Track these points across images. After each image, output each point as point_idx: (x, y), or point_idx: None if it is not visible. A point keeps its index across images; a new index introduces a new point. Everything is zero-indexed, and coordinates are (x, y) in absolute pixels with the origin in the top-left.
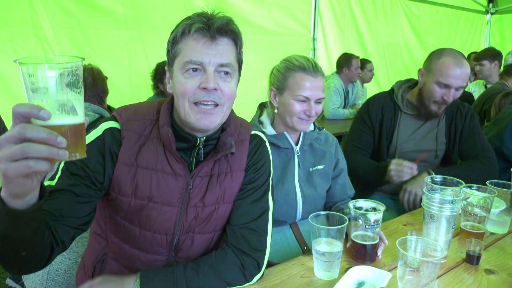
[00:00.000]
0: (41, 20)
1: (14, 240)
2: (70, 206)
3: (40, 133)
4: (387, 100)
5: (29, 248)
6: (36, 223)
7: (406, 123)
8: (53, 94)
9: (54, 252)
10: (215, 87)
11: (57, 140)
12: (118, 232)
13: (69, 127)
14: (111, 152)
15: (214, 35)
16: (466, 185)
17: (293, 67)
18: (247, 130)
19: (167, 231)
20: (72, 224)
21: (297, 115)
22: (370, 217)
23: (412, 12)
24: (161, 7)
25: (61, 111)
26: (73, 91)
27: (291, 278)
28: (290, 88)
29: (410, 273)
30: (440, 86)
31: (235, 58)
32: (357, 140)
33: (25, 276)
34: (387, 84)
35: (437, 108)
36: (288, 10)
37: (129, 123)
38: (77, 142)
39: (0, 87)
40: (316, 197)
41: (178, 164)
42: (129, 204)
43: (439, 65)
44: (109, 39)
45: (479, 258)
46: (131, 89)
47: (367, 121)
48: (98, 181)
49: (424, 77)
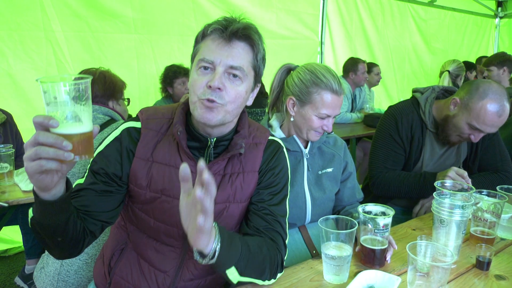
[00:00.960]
0: (52, 23)
1: (49, 226)
2: (93, 202)
3: (49, 139)
4: (415, 116)
5: (64, 235)
6: (67, 213)
7: (431, 141)
8: (61, 107)
9: (86, 239)
10: (219, 86)
11: (62, 144)
12: (137, 222)
13: (75, 133)
14: (127, 150)
15: (229, 37)
16: (476, 190)
17: (320, 83)
18: (264, 135)
19: (177, 224)
20: (98, 218)
21: (315, 129)
22: (379, 221)
23: (420, 16)
24: (170, 11)
25: (68, 121)
26: (78, 104)
27: (300, 282)
28: (314, 105)
29: (420, 278)
30: (472, 128)
31: (250, 63)
32: (387, 160)
33: (36, 277)
34: (394, 88)
35: (458, 141)
36: (296, 14)
37: (148, 121)
38: (84, 146)
39: (13, 89)
40: (325, 200)
41: (190, 161)
42: (144, 196)
43: (479, 108)
44: (118, 42)
45: (489, 264)
46: (140, 92)
47: (397, 140)
48: (117, 177)
49: (457, 109)
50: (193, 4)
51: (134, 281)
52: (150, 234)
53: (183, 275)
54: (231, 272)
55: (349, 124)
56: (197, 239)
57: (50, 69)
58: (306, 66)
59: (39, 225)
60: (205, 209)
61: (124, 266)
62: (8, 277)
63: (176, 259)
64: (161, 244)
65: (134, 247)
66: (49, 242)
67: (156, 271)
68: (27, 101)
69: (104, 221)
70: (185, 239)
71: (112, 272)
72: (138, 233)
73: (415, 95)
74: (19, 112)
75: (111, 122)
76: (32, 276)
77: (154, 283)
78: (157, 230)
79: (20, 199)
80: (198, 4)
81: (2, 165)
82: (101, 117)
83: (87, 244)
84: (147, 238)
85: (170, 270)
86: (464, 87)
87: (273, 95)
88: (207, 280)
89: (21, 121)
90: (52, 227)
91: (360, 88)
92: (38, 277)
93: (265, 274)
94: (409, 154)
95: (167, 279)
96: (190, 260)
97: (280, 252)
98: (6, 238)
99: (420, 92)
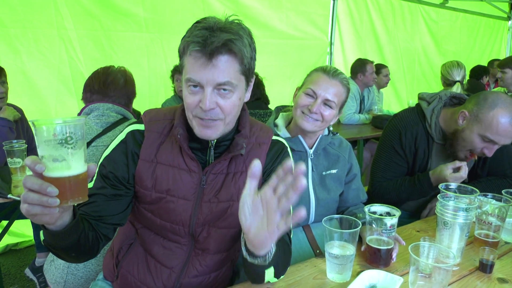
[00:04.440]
0: (65, 21)
1: (61, 248)
2: (104, 207)
3: (34, 185)
4: (419, 129)
5: (77, 251)
6: (76, 235)
7: (438, 153)
8: (48, 149)
9: (100, 245)
10: (211, 107)
11: (47, 190)
12: (144, 220)
13: (62, 178)
14: (133, 153)
15: (211, 54)
16: (481, 193)
17: (318, 68)
18: (267, 135)
19: (183, 222)
20: (110, 221)
21: (301, 108)
22: (386, 221)
23: (431, 18)
24: (180, 11)
25: (56, 164)
26: (64, 147)
27: (303, 279)
28: (306, 84)
29: (422, 278)
30: (485, 139)
31: (237, 72)
32: (387, 171)
33: (46, 270)
34: (404, 90)
35: (464, 157)
36: (306, 14)
37: (151, 123)
38: (73, 189)
39: (26, 86)
40: (329, 201)
41: (192, 162)
42: (150, 196)
43: (490, 118)
44: (129, 41)
45: (492, 267)
46: (150, 91)
47: (400, 152)
48: (125, 180)
49: (466, 122)
50: (203, 4)
51: (140, 276)
52: (157, 232)
53: (188, 272)
54: (269, 272)
55: (357, 125)
56: (267, 241)
57: (62, 66)
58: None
59: (51, 246)
60: (288, 211)
61: (131, 261)
62: (19, 270)
63: (183, 256)
64: (168, 241)
65: (142, 243)
66: (64, 257)
67: (162, 267)
68: (40, 97)
69: (116, 224)
70: (191, 236)
71: (119, 266)
72: (146, 230)
73: (421, 103)
74: (31, 108)
75: (123, 120)
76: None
77: (159, 279)
78: (164, 228)
79: None
80: (208, 4)
81: (15, 160)
82: (113, 116)
83: (102, 246)
84: (154, 235)
85: (176, 267)
86: (471, 100)
87: None
88: (211, 277)
89: (33, 117)
90: (64, 248)
91: (369, 89)
92: (48, 270)
93: (282, 272)
94: (413, 167)
95: (172, 275)
96: (196, 257)
97: (290, 250)
98: (17, 231)
99: (427, 101)
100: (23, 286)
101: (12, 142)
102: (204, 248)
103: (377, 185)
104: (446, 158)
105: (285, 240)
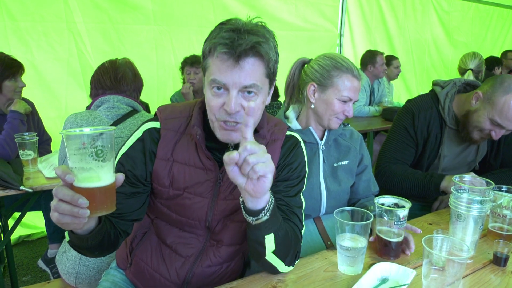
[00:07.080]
0: (74, 15)
1: (86, 248)
2: (124, 205)
3: (65, 196)
4: (433, 113)
5: (99, 249)
6: (100, 236)
7: (450, 138)
8: (76, 161)
9: (120, 240)
10: (237, 110)
11: (78, 201)
12: (159, 214)
13: (92, 188)
14: (150, 152)
15: (239, 56)
16: (495, 186)
17: (341, 67)
18: (282, 131)
19: (199, 218)
20: (129, 218)
21: (337, 114)
22: (399, 213)
23: (442, 8)
24: (189, 3)
25: (84, 175)
26: (95, 160)
27: (314, 272)
28: (337, 87)
29: (435, 271)
30: (493, 123)
31: (263, 75)
32: (397, 151)
33: (58, 261)
34: (413, 81)
35: (479, 138)
36: (315, 5)
37: (167, 121)
38: (102, 200)
39: (36, 80)
40: (340, 192)
41: (209, 161)
42: (167, 193)
43: (502, 102)
44: (138, 34)
45: (506, 260)
46: (158, 83)
47: (412, 133)
48: (143, 178)
49: (479, 103)
50: None
51: (153, 264)
52: (172, 224)
53: (202, 261)
54: (269, 240)
55: (367, 118)
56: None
57: (71, 59)
58: (325, 54)
59: (76, 246)
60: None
61: (145, 249)
62: (32, 261)
63: (198, 246)
64: (184, 232)
65: (157, 232)
66: (88, 254)
67: (176, 256)
68: (50, 90)
69: (135, 219)
70: (207, 229)
71: (133, 254)
72: (161, 221)
73: (435, 88)
74: (42, 101)
75: (133, 113)
76: (54, 260)
77: (172, 267)
78: (179, 222)
79: (43, 185)
80: None
81: (27, 152)
82: (124, 108)
83: (122, 241)
84: (170, 226)
85: (191, 256)
86: (488, 82)
87: (288, 87)
88: (223, 267)
89: (44, 109)
90: (88, 248)
91: (379, 81)
92: (60, 261)
93: (289, 257)
94: (423, 151)
95: (186, 264)
96: (211, 247)
97: (300, 241)
98: (29, 223)
99: (441, 86)
100: (36, 276)
101: (23, 135)
102: (219, 239)
103: (385, 165)
104: (458, 143)
105: (293, 229)
